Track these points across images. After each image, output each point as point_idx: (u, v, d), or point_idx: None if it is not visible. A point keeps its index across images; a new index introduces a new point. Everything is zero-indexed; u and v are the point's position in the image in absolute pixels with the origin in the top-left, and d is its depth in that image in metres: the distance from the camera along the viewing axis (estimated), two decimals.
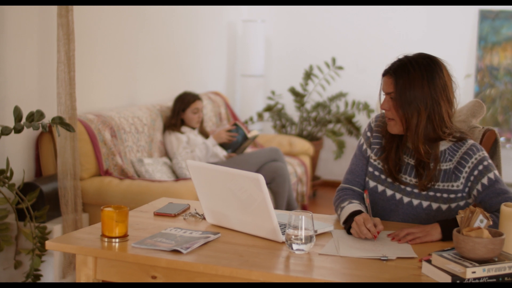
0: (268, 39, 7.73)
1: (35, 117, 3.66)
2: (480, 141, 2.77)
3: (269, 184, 5.38)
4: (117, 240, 2.32)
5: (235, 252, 2.25)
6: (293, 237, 2.23)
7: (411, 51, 2.72)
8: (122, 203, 4.43)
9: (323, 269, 2.13)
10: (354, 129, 7.16)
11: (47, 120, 3.81)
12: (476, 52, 7.11)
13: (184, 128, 5.49)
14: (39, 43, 4.41)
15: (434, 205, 2.62)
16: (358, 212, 2.55)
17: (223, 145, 5.70)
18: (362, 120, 7.29)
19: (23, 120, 3.66)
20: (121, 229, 2.32)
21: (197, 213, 2.68)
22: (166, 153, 5.45)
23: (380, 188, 2.72)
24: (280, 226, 2.46)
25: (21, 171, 4.23)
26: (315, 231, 2.35)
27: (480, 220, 2.04)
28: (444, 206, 2.62)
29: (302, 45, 7.69)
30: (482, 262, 1.99)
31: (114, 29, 5.25)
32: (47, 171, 4.51)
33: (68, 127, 3.71)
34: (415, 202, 2.65)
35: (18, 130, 3.58)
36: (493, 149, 2.79)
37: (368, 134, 2.81)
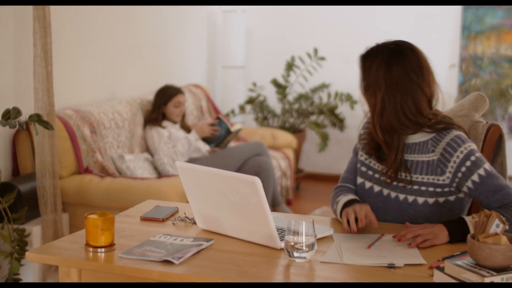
0: (249, 30, 7.56)
1: (11, 114, 3.48)
2: (484, 136, 2.64)
3: None
4: (103, 250, 2.15)
5: (231, 262, 2.09)
6: (293, 244, 2.08)
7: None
8: (104, 202, 4.27)
9: (327, 279, 1.98)
10: (337, 120, 7.03)
11: (24, 117, 3.63)
12: (459, 41, 7.00)
13: (165, 123, 5.32)
14: (14, 37, 4.22)
15: (420, 199, 2.50)
16: (350, 202, 2.51)
17: (205, 140, 5.54)
18: (346, 112, 7.16)
19: None
20: (107, 238, 2.16)
21: (186, 217, 2.53)
22: (147, 149, 5.28)
23: (368, 184, 2.61)
24: (280, 230, 2.32)
25: None
26: (315, 236, 2.21)
27: (496, 225, 1.91)
28: (430, 200, 2.48)
29: (283, 35, 7.54)
30: (499, 270, 1.85)
31: (92, 21, 5.06)
32: (24, 170, 4.33)
33: (47, 125, 3.54)
34: (401, 197, 2.53)
35: None
36: (498, 145, 2.66)
37: (361, 130, 2.72)
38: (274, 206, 5.44)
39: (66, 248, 2.20)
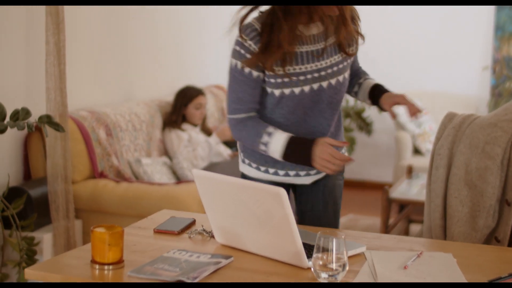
0: None
1: (20, 115, 3.28)
2: None
3: None
4: (110, 267, 1.93)
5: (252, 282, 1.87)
6: (321, 263, 1.85)
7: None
8: (119, 208, 4.06)
9: None
10: (364, 124, 6.78)
11: (34, 118, 3.43)
12: (492, 42, 6.72)
13: (185, 125, 5.11)
14: (26, 33, 4.02)
15: (324, 84, 2.55)
16: (296, 139, 2.48)
17: (227, 143, 5.32)
18: (373, 115, 6.90)
19: (7, 119, 3.29)
20: (114, 254, 1.94)
21: (204, 230, 2.30)
22: (166, 152, 5.07)
23: (297, 90, 2.52)
24: (304, 246, 2.08)
25: (6, 175, 3.85)
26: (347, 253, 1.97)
27: None
28: (332, 81, 2.56)
29: None
30: None
31: (108, 18, 4.85)
32: (36, 174, 4.13)
33: (57, 127, 3.33)
34: (333, 81, 2.59)
35: (1, 130, 3.20)
36: None
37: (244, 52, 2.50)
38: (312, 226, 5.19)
39: (69, 265, 1.98)
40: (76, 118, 4.25)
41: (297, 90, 2.52)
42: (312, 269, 1.87)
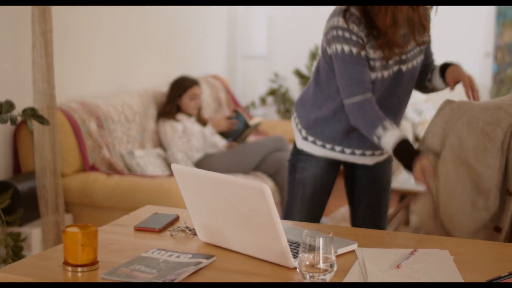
0: (271, 18, 7.20)
1: (3, 108, 3.17)
2: None
3: (273, 176, 4.90)
4: (83, 269, 1.82)
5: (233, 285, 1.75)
6: (308, 263, 1.73)
7: None
8: (110, 202, 3.95)
9: None
10: None
11: (18, 111, 3.31)
12: (494, 28, 6.58)
13: (179, 116, 4.99)
14: (11, 23, 3.90)
15: (403, 67, 2.71)
16: (406, 143, 2.59)
17: (223, 134, 5.20)
18: None
19: None
20: (88, 255, 1.83)
21: (187, 227, 2.19)
22: (160, 144, 4.95)
23: (386, 73, 2.68)
24: (291, 244, 1.97)
25: None
26: (335, 252, 1.86)
27: None
28: (409, 65, 2.72)
29: (307, 23, 7.16)
30: None
31: (100, 7, 4.72)
32: (26, 167, 4.03)
33: (42, 120, 3.22)
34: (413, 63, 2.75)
35: None
36: None
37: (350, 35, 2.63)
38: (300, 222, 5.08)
39: (40, 267, 1.86)
40: (66, 110, 4.14)
41: (385, 73, 2.69)
42: (297, 269, 1.75)
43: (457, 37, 6.73)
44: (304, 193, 2.87)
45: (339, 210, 5.64)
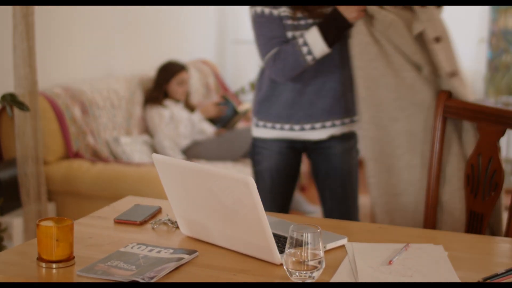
0: None
1: None
2: None
3: None
4: (59, 265, 1.72)
5: (216, 282, 1.65)
6: (294, 261, 1.64)
7: None
8: (94, 190, 3.85)
9: None
10: None
11: None
12: (489, 14, 6.48)
13: (167, 102, 4.88)
14: None
15: None
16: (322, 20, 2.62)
17: (211, 120, 5.10)
18: None
19: None
20: (63, 250, 1.73)
21: (169, 219, 2.09)
22: (147, 130, 4.85)
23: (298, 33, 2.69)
24: (278, 239, 1.87)
25: None
26: (324, 247, 1.77)
27: None
28: None
29: None
30: None
31: None
32: (9, 155, 3.92)
33: (22, 106, 3.11)
34: None
35: None
36: None
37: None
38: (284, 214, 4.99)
39: (12, 263, 1.76)
40: (49, 96, 4.03)
41: (297, 33, 2.68)
42: (284, 266, 1.66)
43: (452, 22, 6.59)
44: (263, 186, 2.84)
45: None
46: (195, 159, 4.70)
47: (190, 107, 5.07)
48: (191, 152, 4.77)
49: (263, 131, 2.85)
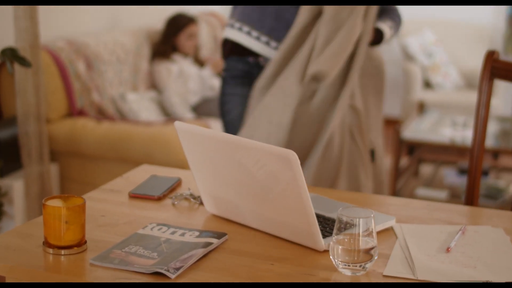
0: None
1: None
2: None
3: None
4: (69, 251, 1.49)
5: (249, 273, 1.42)
6: (343, 250, 1.41)
7: None
8: (99, 151, 3.61)
9: None
10: None
11: None
12: None
13: (175, 56, 4.62)
14: None
15: None
16: None
17: None
18: None
19: None
20: (74, 235, 1.49)
21: (191, 194, 1.85)
22: (154, 86, 4.59)
23: None
24: (320, 219, 1.64)
25: None
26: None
27: None
28: None
29: None
30: None
31: None
32: (9, 113, 3.67)
33: (23, 61, 2.86)
34: None
35: None
36: None
37: None
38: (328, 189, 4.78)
39: (14, 247, 1.52)
40: (51, 50, 3.77)
41: None
42: (330, 255, 1.43)
43: None
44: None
45: None
46: (205, 117, 4.47)
47: (200, 62, 4.82)
48: (201, 109, 4.53)
49: (239, 35, 2.65)
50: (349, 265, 1.41)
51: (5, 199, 3.18)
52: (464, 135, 4.46)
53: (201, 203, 1.81)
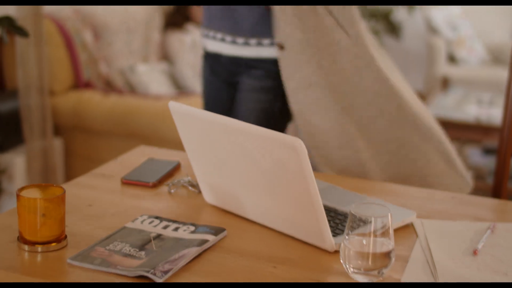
0: None
1: None
2: None
3: None
4: (47, 247, 1.32)
5: (248, 279, 1.24)
6: (355, 253, 1.22)
7: None
8: (106, 126, 3.45)
9: None
10: (392, 27, 6.06)
11: None
12: None
13: (189, 26, 4.43)
14: None
15: None
16: None
17: None
18: (402, 17, 6.18)
19: None
20: (52, 229, 1.32)
21: (189, 181, 1.67)
22: (166, 57, 4.41)
23: None
24: (331, 214, 1.47)
25: None
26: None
27: None
28: None
29: None
30: None
31: None
32: (11, 85, 3.51)
33: (20, 31, 2.67)
34: None
35: None
36: None
37: None
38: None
39: None
40: (56, 19, 3.59)
41: None
42: (341, 259, 1.25)
43: None
44: None
45: None
46: None
47: None
48: None
49: (212, 44, 2.28)
50: (362, 271, 1.22)
51: (4, 176, 3.03)
52: (490, 113, 4.25)
53: (200, 192, 1.63)
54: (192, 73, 4.26)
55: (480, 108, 4.34)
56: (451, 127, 4.56)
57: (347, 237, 1.24)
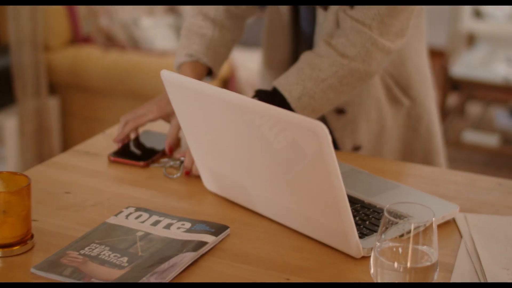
0: None
1: None
2: None
3: None
4: (10, 251, 1.08)
5: None
6: (388, 267, 0.97)
7: None
8: (105, 84, 3.23)
9: None
10: None
11: None
12: None
13: None
14: None
15: None
16: None
17: None
18: None
19: None
20: (14, 229, 1.08)
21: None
22: (172, 10, 4.15)
23: None
24: (357, 208, 1.22)
25: None
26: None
27: None
28: None
29: None
30: None
31: None
32: (3, 39, 3.27)
33: None
34: None
35: None
36: None
37: None
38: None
39: None
40: None
41: None
42: (371, 272, 1.00)
43: None
44: None
45: None
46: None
47: None
48: None
49: None
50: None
51: None
52: None
53: (199, 176, 1.37)
54: None
55: (509, 67, 4.06)
56: (476, 87, 4.29)
57: (378, 244, 0.99)
